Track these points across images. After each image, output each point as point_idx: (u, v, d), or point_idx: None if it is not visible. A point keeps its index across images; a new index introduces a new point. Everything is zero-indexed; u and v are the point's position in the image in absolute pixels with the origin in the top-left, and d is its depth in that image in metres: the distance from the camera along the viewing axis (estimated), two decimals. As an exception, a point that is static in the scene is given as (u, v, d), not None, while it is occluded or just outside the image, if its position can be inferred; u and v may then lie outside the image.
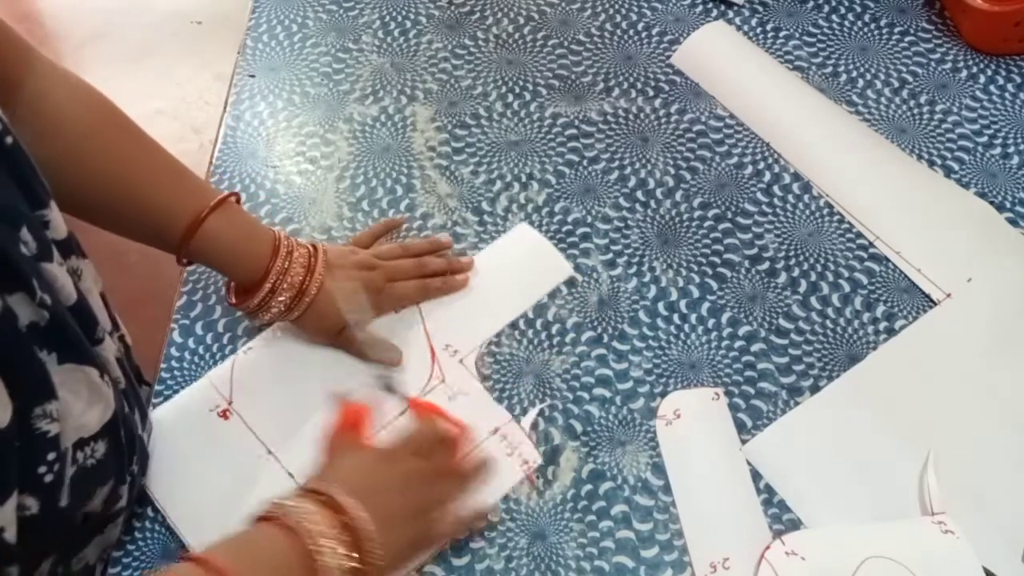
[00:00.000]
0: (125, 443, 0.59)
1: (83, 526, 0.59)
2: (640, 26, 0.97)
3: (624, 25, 0.97)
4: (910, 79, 0.92)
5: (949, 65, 0.93)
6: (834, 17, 0.97)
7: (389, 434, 0.67)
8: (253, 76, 0.93)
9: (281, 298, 0.69)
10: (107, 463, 0.57)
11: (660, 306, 0.77)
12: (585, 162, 0.86)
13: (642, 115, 0.90)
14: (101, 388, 0.54)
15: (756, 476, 0.69)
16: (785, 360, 0.74)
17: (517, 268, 0.80)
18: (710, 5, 0.98)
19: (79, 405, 0.52)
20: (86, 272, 0.58)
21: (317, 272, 0.70)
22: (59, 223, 0.54)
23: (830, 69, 0.93)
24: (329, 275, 0.71)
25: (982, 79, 0.92)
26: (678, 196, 0.84)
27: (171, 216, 0.66)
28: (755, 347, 0.75)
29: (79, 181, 0.64)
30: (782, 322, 0.76)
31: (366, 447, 0.62)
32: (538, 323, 0.76)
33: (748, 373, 0.74)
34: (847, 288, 0.78)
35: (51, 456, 0.51)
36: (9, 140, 0.51)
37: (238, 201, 0.71)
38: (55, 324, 0.49)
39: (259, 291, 0.68)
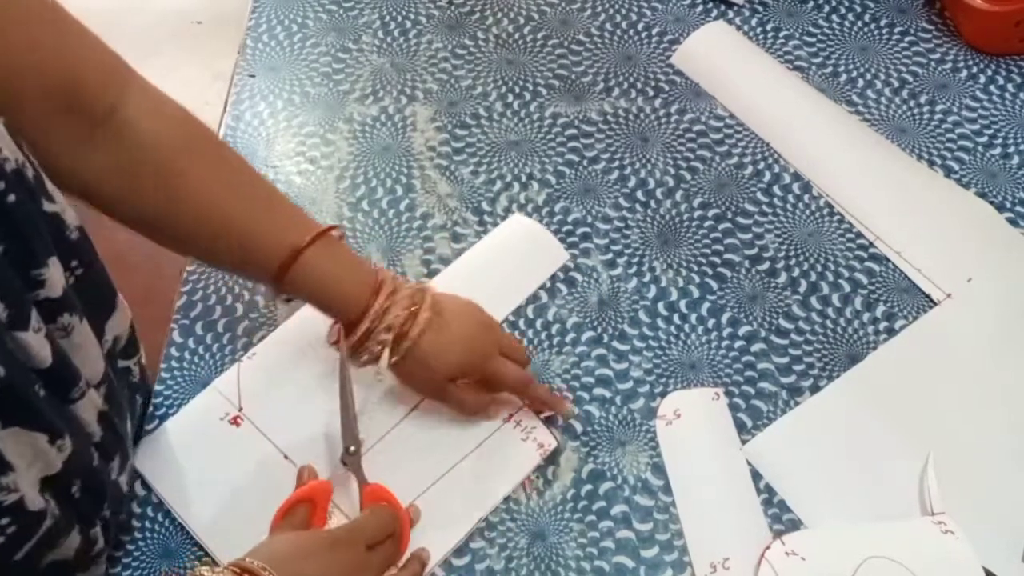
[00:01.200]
0: (92, 493, 0.57)
1: (53, 573, 0.57)
2: (640, 26, 0.97)
3: (624, 25, 0.97)
4: (910, 79, 0.92)
5: (949, 65, 0.93)
6: (834, 17, 0.97)
7: (342, 519, 0.65)
8: (253, 76, 0.93)
9: (379, 339, 0.65)
10: (61, 515, 0.55)
11: (660, 306, 0.77)
12: (585, 162, 0.86)
13: (642, 115, 0.90)
14: (47, 454, 0.52)
15: (756, 476, 0.69)
16: (785, 360, 0.74)
17: (515, 257, 0.80)
18: (710, 5, 0.98)
19: (21, 466, 0.50)
20: (78, 328, 0.54)
21: (421, 317, 0.65)
22: (55, 281, 0.51)
23: (830, 69, 0.93)
24: (437, 321, 0.66)
25: (982, 79, 0.92)
26: (678, 196, 0.84)
27: (266, 249, 0.63)
28: (755, 347, 0.75)
29: (165, 214, 0.61)
30: (782, 322, 0.76)
31: (314, 531, 0.61)
32: (538, 323, 0.76)
33: (748, 373, 0.74)
34: (847, 288, 0.78)
35: (4, 520, 0.49)
36: (11, 199, 0.47)
37: (342, 237, 0.67)
38: (5, 390, 0.47)
39: (356, 332, 0.65)
